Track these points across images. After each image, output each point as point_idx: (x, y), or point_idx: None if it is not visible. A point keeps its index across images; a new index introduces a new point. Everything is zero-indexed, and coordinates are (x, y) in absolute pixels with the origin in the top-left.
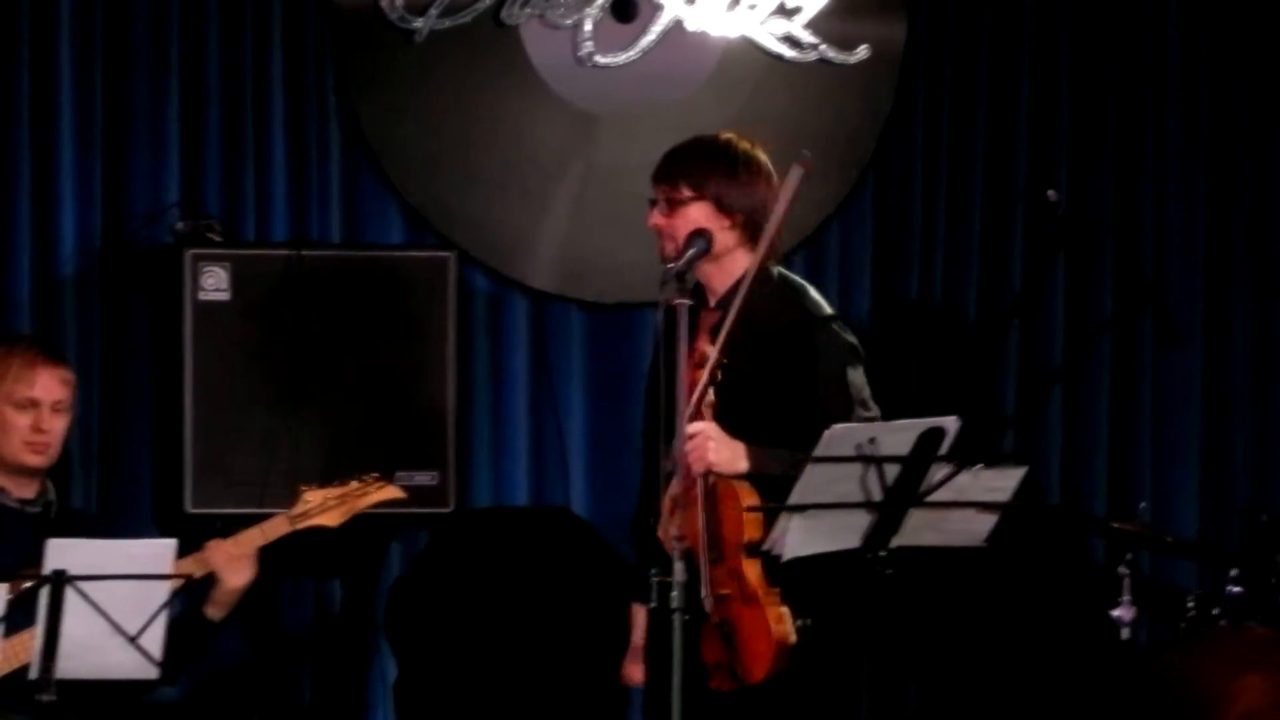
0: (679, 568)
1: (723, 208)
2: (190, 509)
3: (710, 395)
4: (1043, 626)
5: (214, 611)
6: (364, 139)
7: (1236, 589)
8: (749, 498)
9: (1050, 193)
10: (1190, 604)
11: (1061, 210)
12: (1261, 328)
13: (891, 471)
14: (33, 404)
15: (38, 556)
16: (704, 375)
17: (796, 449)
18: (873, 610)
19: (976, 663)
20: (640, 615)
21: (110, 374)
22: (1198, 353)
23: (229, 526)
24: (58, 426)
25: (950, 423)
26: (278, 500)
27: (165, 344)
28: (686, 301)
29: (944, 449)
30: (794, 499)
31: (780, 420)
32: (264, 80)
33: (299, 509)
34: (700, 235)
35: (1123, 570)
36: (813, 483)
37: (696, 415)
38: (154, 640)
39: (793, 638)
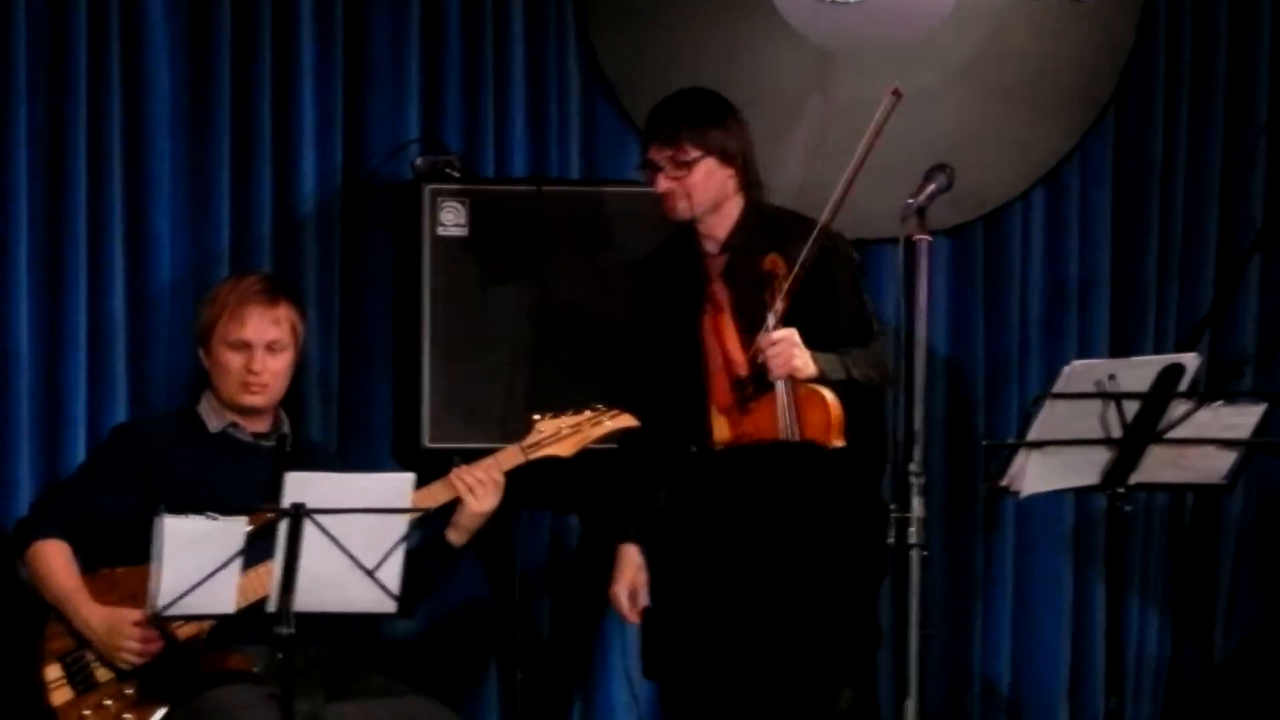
0: (918, 503)
1: (724, 158)
2: (428, 443)
3: (780, 304)
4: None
5: (456, 536)
6: (603, 75)
7: None
8: (834, 404)
9: None
10: None
11: None
12: None
13: (1131, 408)
14: (245, 345)
15: (275, 490)
16: (782, 287)
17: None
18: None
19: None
20: (633, 554)
21: (350, 309)
22: None
23: (466, 460)
24: (274, 366)
25: (1190, 359)
26: (515, 435)
27: (404, 279)
28: (927, 238)
29: (1184, 385)
30: (1033, 435)
31: (815, 327)
32: (504, 16)
33: (532, 439)
34: (941, 170)
35: None
36: (1052, 418)
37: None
38: (392, 574)
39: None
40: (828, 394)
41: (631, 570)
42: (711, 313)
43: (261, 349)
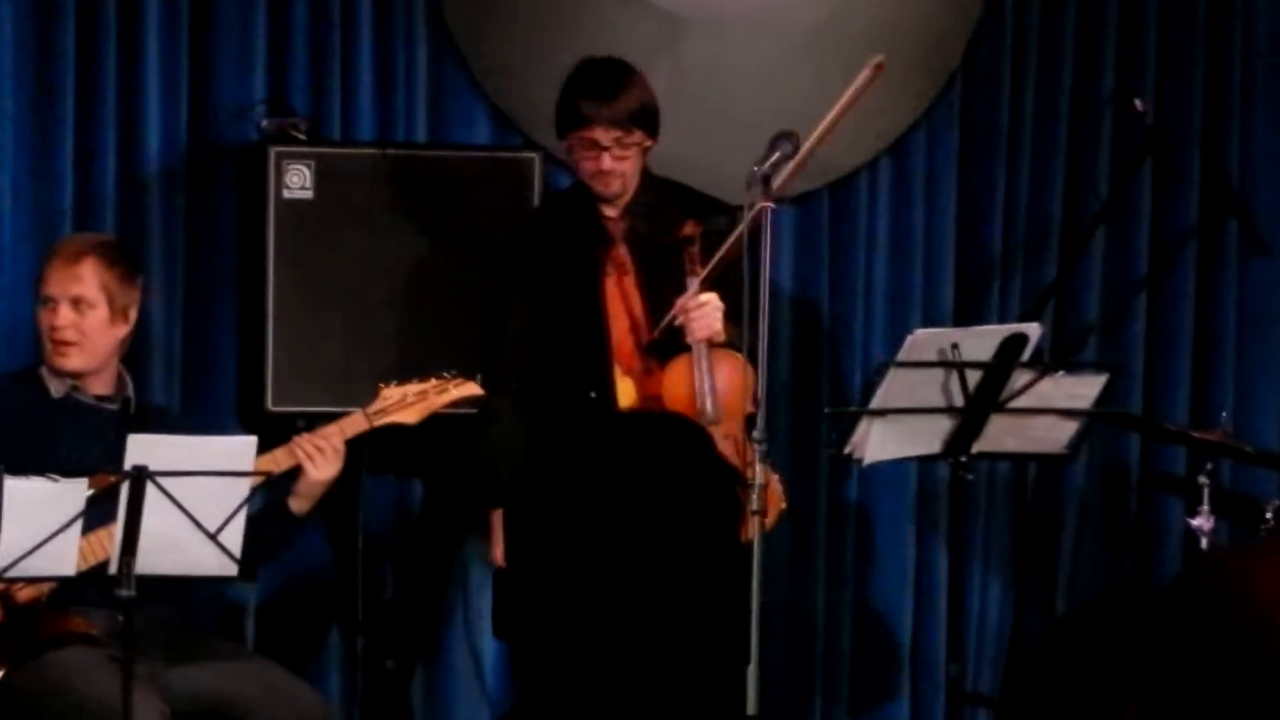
0: (760, 470)
1: (653, 137)
2: (272, 407)
3: (701, 269)
4: None
5: (297, 504)
6: (450, 39)
7: None
8: (748, 367)
9: (1137, 101)
10: (1269, 514)
11: (1149, 119)
12: None
13: (974, 377)
14: (49, 300)
15: (118, 453)
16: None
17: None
18: None
19: None
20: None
21: (194, 271)
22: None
23: (311, 424)
24: (82, 325)
25: (1033, 329)
26: (359, 399)
27: (249, 242)
28: (771, 205)
29: (1026, 355)
30: (876, 403)
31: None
32: None
33: (377, 405)
34: (787, 138)
35: (1202, 480)
36: (895, 387)
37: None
38: (234, 537)
39: (785, 504)
40: (740, 357)
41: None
42: (615, 275)
43: (65, 304)
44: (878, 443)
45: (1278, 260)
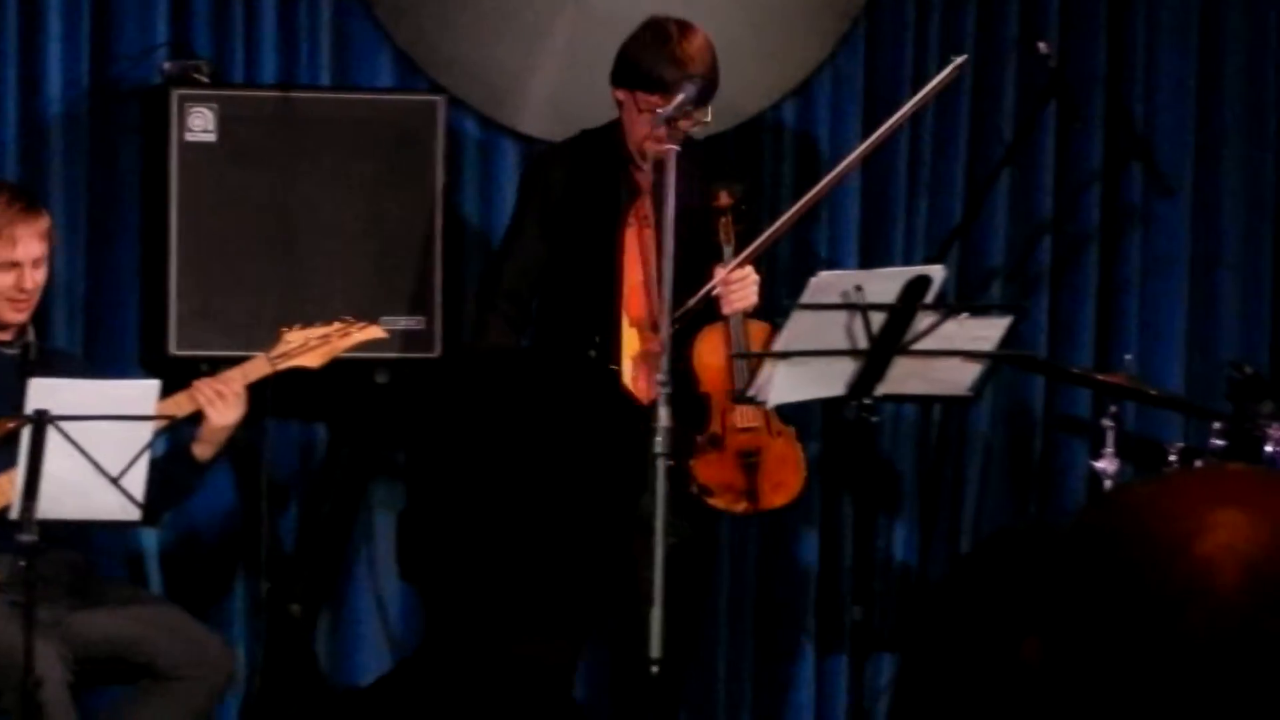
0: (664, 413)
1: None
2: (175, 351)
3: (734, 240)
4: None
5: (201, 450)
6: None
7: (1220, 442)
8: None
9: (1041, 44)
10: (1173, 456)
11: (1053, 61)
12: (1250, 179)
13: (877, 319)
14: (14, 265)
15: (18, 397)
16: (727, 229)
17: None
18: None
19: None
20: None
21: (96, 217)
22: (1186, 205)
23: (214, 369)
24: (39, 279)
25: (936, 271)
26: (263, 343)
27: (152, 186)
28: (674, 148)
29: (930, 297)
30: (779, 345)
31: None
32: None
33: (279, 349)
34: (690, 80)
35: (1107, 422)
36: (798, 329)
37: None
38: (136, 481)
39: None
40: (768, 328)
41: None
42: (637, 226)
43: (29, 265)
44: (781, 385)
45: (1181, 202)
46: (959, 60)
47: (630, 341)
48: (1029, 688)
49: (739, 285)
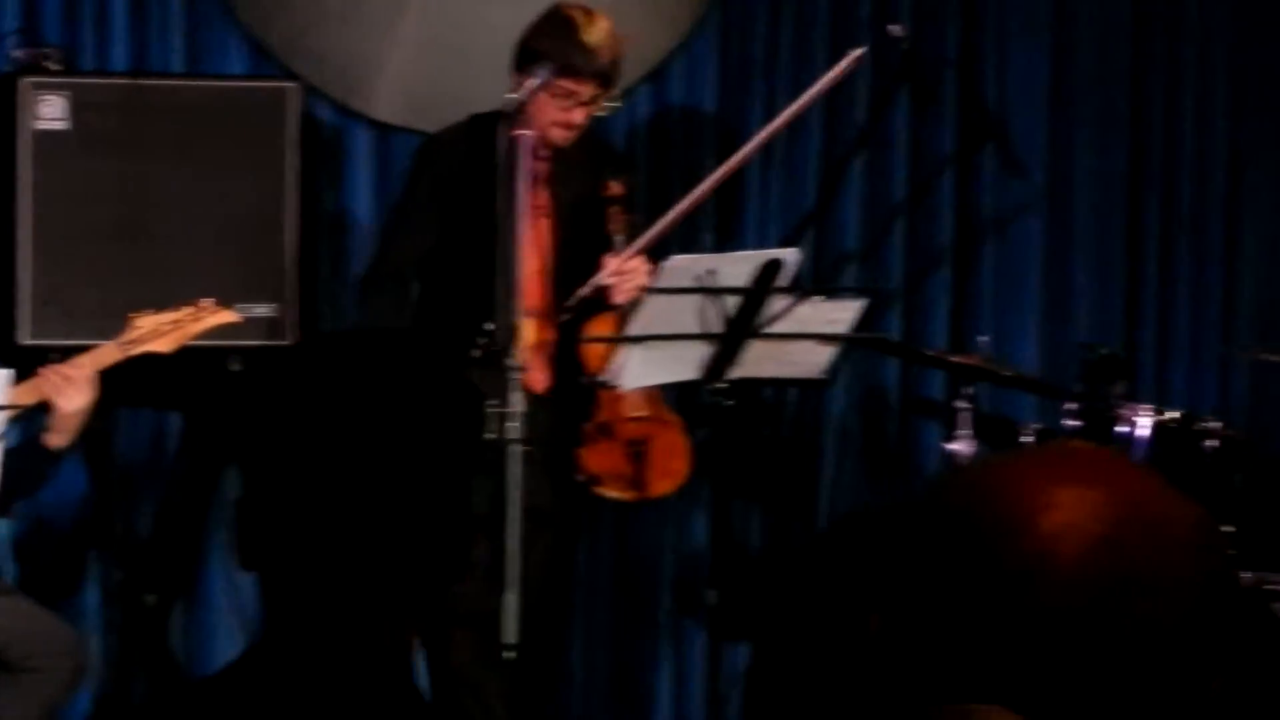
0: (518, 398)
1: None
2: (25, 341)
3: (625, 230)
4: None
5: (54, 439)
6: None
7: (1073, 422)
8: None
9: (893, 27)
10: (1027, 437)
11: (905, 44)
12: (1101, 161)
13: (731, 303)
14: None
15: None
16: (617, 219)
17: None
18: None
19: None
20: None
21: None
22: (1039, 186)
23: (66, 358)
24: None
25: (790, 254)
26: (116, 332)
27: (1, 174)
28: (528, 133)
29: (783, 280)
30: (634, 329)
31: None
32: None
33: (129, 335)
34: (542, 65)
35: (961, 404)
36: (652, 313)
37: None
38: None
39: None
40: None
41: None
42: (533, 214)
43: None
44: (635, 369)
45: (1034, 184)
46: (857, 53)
47: (526, 331)
48: (872, 664)
49: (630, 275)
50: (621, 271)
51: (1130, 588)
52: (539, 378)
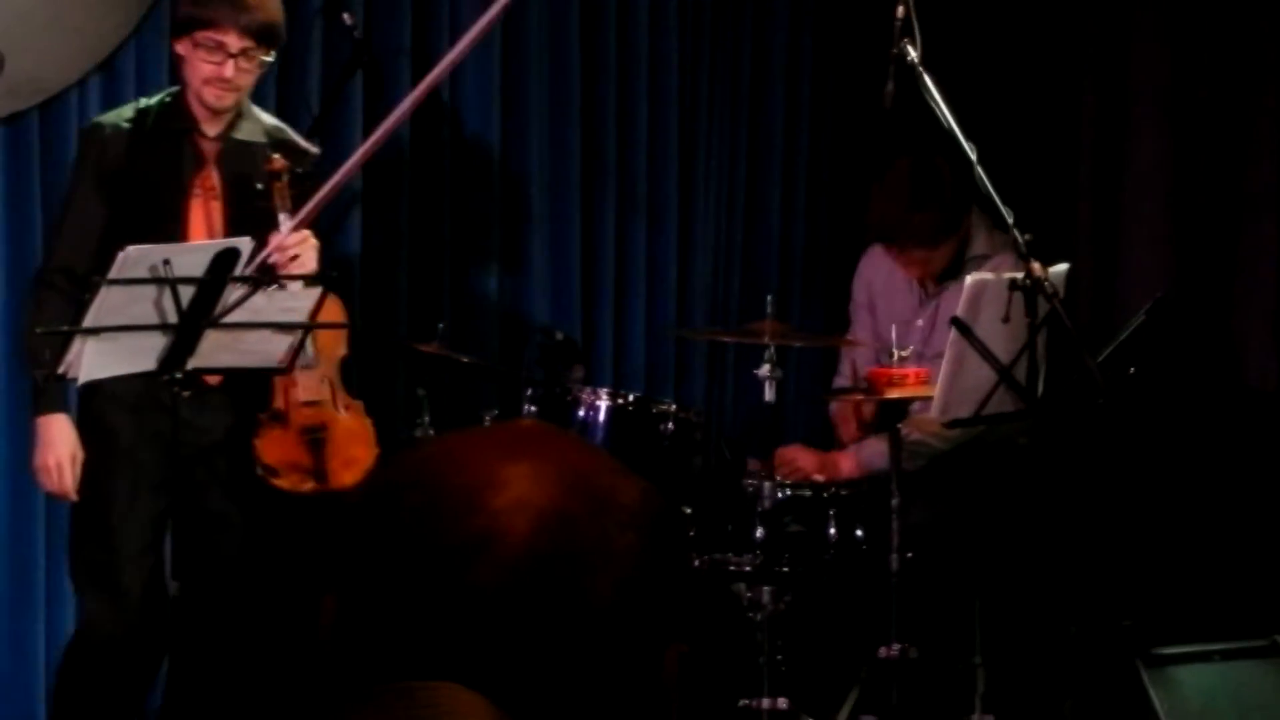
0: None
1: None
2: None
3: (289, 205)
4: None
5: None
6: None
7: (533, 408)
8: (341, 309)
9: (346, 15)
10: (488, 421)
11: (358, 32)
12: (557, 141)
13: (187, 293)
14: None
15: None
16: (282, 195)
17: None
18: None
19: None
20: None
21: None
22: (496, 173)
23: None
24: None
25: (244, 243)
26: None
27: None
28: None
29: (239, 270)
30: (89, 321)
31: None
32: None
33: None
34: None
35: (421, 391)
36: (108, 304)
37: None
38: None
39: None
40: (336, 299)
41: (71, 439)
42: (203, 197)
43: None
44: (92, 361)
45: (493, 171)
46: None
47: None
48: (325, 648)
49: (295, 248)
50: (284, 246)
51: (575, 562)
52: None
